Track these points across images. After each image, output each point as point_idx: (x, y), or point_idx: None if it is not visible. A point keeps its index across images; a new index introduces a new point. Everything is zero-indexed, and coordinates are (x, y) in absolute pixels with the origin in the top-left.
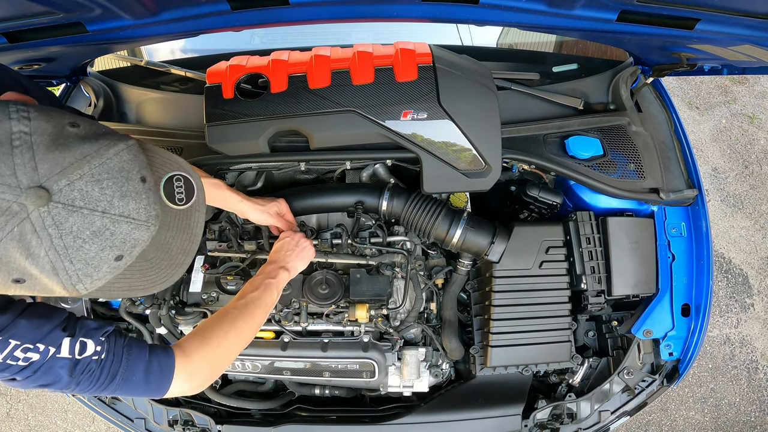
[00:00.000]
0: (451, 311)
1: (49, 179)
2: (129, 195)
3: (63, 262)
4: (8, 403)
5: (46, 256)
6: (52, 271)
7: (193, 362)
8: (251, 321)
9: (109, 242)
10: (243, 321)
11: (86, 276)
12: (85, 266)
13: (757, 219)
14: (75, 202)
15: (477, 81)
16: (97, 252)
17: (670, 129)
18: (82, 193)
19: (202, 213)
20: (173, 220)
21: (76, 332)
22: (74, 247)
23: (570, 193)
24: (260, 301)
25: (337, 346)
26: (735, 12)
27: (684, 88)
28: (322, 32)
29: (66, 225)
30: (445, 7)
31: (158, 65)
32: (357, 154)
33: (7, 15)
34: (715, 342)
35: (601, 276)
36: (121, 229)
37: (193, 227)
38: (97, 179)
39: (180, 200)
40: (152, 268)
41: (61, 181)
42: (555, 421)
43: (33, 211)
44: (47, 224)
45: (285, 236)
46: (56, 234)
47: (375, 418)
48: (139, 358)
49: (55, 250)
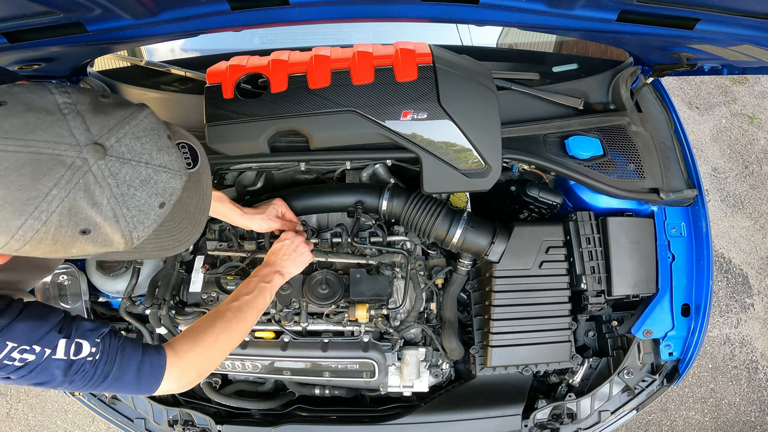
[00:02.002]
0: (451, 311)
1: (101, 137)
2: (163, 149)
3: (122, 209)
4: (8, 403)
5: (108, 203)
6: (113, 218)
7: (184, 363)
8: (243, 323)
9: (154, 189)
10: (235, 323)
11: (139, 222)
12: (138, 213)
13: (757, 219)
14: (125, 155)
15: (477, 81)
16: (146, 199)
17: (670, 129)
18: (129, 148)
19: (208, 176)
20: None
21: (72, 334)
22: (129, 195)
23: (570, 193)
24: (253, 304)
25: (337, 346)
26: (735, 12)
27: (684, 88)
28: (322, 32)
29: (120, 175)
30: (445, 7)
31: (158, 65)
32: (357, 154)
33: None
34: (715, 342)
35: (601, 276)
36: (161, 177)
37: (204, 188)
38: (138, 136)
39: (189, 164)
40: (176, 228)
41: (111, 138)
42: (555, 421)
43: (93, 164)
44: (106, 175)
45: (285, 237)
46: (114, 183)
47: (375, 418)
48: (132, 359)
49: (115, 198)
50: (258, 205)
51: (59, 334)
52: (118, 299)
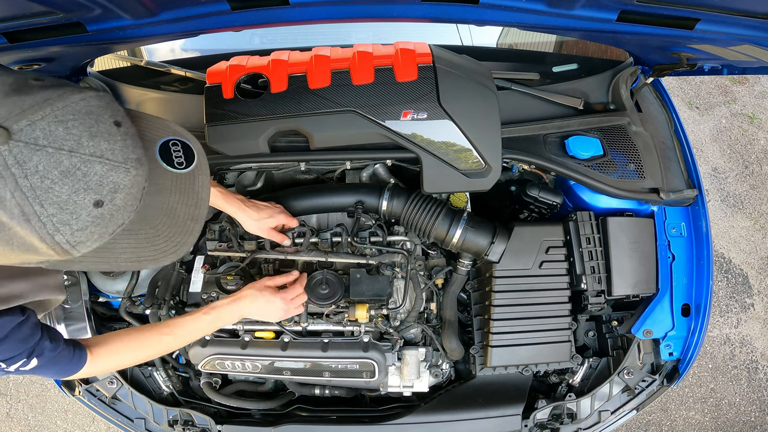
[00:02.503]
0: (451, 311)
1: (7, 120)
2: (100, 135)
3: (32, 205)
4: (8, 403)
5: (13, 198)
6: (22, 216)
7: (96, 370)
8: (172, 348)
9: (82, 184)
10: (163, 349)
11: (63, 224)
12: (58, 211)
13: (757, 219)
14: (38, 141)
15: (477, 81)
16: (69, 194)
17: (670, 129)
18: (45, 132)
19: (206, 177)
20: (175, 184)
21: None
22: (42, 188)
23: (570, 193)
24: (189, 339)
25: (337, 346)
26: (735, 12)
27: (684, 88)
28: (322, 32)
29: (30, 164)
30: (445, 7)
31: (158, 65)
32: (357, 154)
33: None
34: (715, 342)
35: (601, 276)
36: (94, 169)
37: (199, 191)
38: (61, 120)
39: (180, 164)
40: (160, 236)
41: (21, 121)
42: (555, 421)
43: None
44: (9, 163)
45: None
46: (20, 173)
47: (375, 418)
48: (58, 363)
49: (21, 191)
50: (260, 205)
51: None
52: (118, 299)
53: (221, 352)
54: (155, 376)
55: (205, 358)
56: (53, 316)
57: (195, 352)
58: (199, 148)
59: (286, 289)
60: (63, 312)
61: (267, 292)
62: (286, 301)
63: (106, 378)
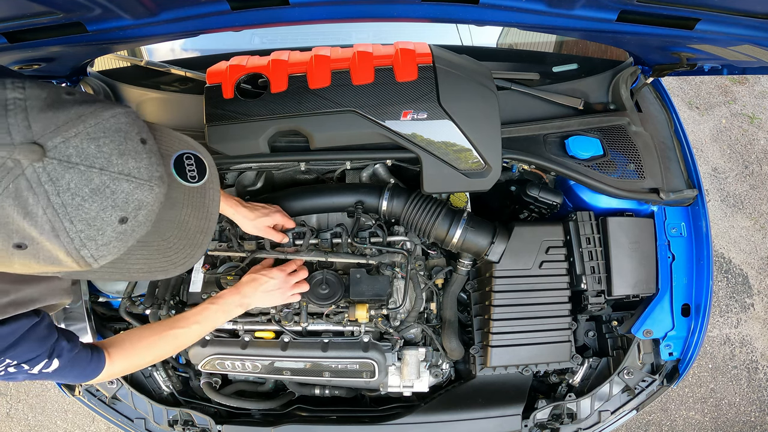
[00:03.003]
0: (451, 311)
1: (42, 136)
2: (128, 153)
3: (62, 222)
4: (8, 403)
5: (44, 214)
6: (52, 232)
7: (115, 373)
8: (184, 344)
9: (110, 201)
10: (176, 345)
11: (90, 239)
12: (86, 227)
13: (757, 219)
14: (71, 159)
15: (477, 81)
16: (98, 211)
17: (670, 129)
18: (78, 150)
19: (216, 191)
20: (188, 197)
21: (52, 354)
22: (73, 205)
23: (570, 193)
24: (203, 330)
25: (337, 346)
26: (735, 12)
27: (684, 88)
28: (322, 32)
29: (63, 181)
30: (445, 7)
31: (158, 65)
32: (357, 154)
33: (7, 15)
34: (715, 342)
35: (601, 276)
36: (121, 187)
37: (209, 205)
38: (93, 137)
39: (192, 177)
40: (171, 248)
41: (55, 138)
42: (555, 421)
43: (27, 166)
44: (43, 180)
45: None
46: (53, 190)
47: (375, 418)
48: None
49: (53, 207)
50: (256, 206)
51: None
52: (118, 299)
53: (221, 352)
54: (155, 376)
55: (205, 358)
56: (54, 317)
57: (195, 352)
58: (210, 161)
59: (282, 265)
60: (63, 312)
61: (265, 270)
62: (284, 273)
63: None
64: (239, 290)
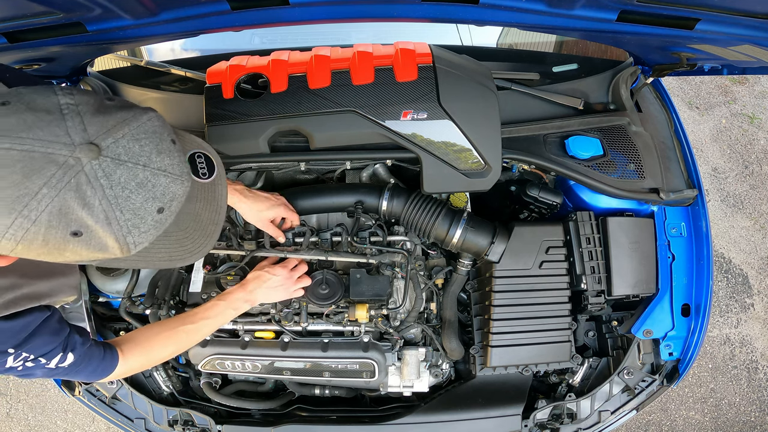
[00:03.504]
0: (451, 311)
1: (97, 137)
2: (164, 152)
3: (114, 212)
4: (8, 403)
5: (100, 205)
6: (105, 221)
7: (129, 368)
8: (194, 341)
9: (151, 193)
10: (187, 343)
11: (134, 227)
12: (133, 216)
13: (757, 219)
14: (121, 157)
15: (477, 81)
16: (142, 202)
17: (670, 129)
18: (126, 149)
19: (224, 186)
20: (200, 192)
21: (66, 348)
22: (123, 197)
23: (570, 193)
24: (212, 326)
25: (337, 346)
26: (735, 12)
27: (684, 88)
28: (322, 32)
29: (115, 176)
30: (445, 7)
31: (158, 65)
32: (357, 154)
33: (7, 15)
34: (715, 342)
35: (601, 276)
36: (160, 181)
37: (218, 199)
38: (137, 138)
39: (203, 174)
40: (188, 238)
41: (107, 139)
42: (555, 421)
43: (87, 164)
44: (99, 175)
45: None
46: (107, 184)
47: (375, 418)
48: (92, 363)
49: (107, 199)
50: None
51: (62, 351)
52: (118, 299)
53: (221, 352)
54: (155, 376)
55: (205, 358)
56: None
57: (195, 352)
58: (218, 159)
59: (284, 261)
60: (63, 312)
61: (268, 267)
62: (287, 269)
63: None
64: (245, 287)
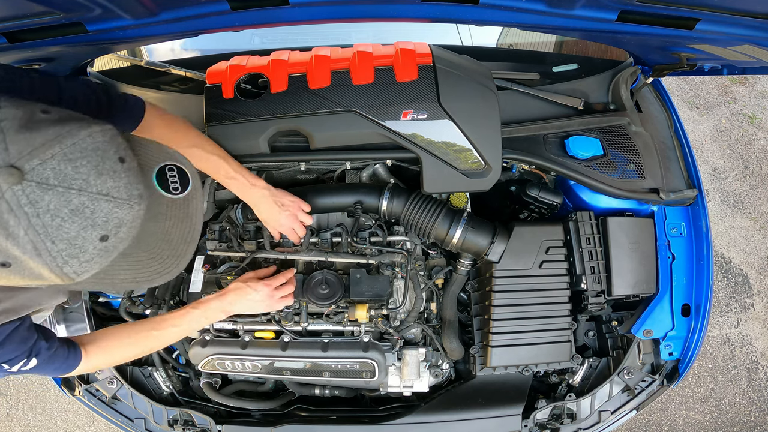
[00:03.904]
0: (451, 311)
1: (20, 159)
2: (106, 173)
3: (44, 242)
4: (8, 403)
5: (26, 235)
6: (34, 252)
7: (91, 368)
8: (160, 346)
9: (90, 221)
10: (153, 346)
11: (72, 257)
12: (68, 246)
13: (757, 219)
14: (49, 181)
15: (477, 81)
16: (78, 231)
17: (670, 129)
18: (56, 172)
19: (199, 201)
20: (171, 209)
21: (31, 354)
22: (53, 226)
23: (570, 193)
24: (181, 334)
25: (337, 346)
26: (735, 12)
27: (684, 88)
28: (322, 32)
29: (42, 203)
30: (445, 7)
31: (158, 65)
32: (357, 154)
33: (7, 15)
34: (715, 342)
35: (601, 276)
36: (101, 207)
37: (192, 216)
38: (70, 158)
39: (175, 189)
40: (155, 259)
41: (32, 160)
42: (555, 421)
43: (7, 190)
44: (23, 203)
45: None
46: (33, 212)
47: (375, 418)
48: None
49: (34, 229)
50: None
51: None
52: (118, 299)
53: (221, 352)
54: (155, 376)
55: (205, 358)
56: (53, 316)
57: (195, 352)
58: (193, 171)
59: (270, 278)
60: (63, 312)
61: (251, 282)
62: (270, 288)
63: (106, 378)
64: (223, 297)
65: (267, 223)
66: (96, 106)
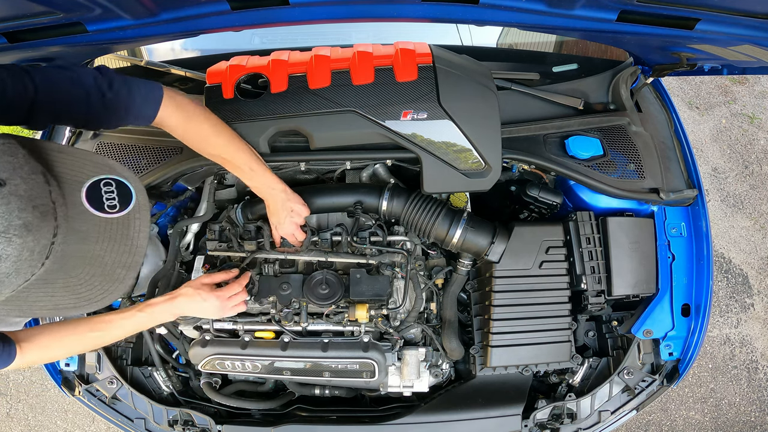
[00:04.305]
0: (451, 311)
1: None
2: None
3: None
4: (8, 403)
5: None
6: None
7: (26, 363)
8: (101, 345)
9: None
10: (93, 345)
11: None
12: None
13: (757, 219)
14: None
15: (477, 81)
16: None
17: (670, 129)
18: None
19: (143, 220)
20: (103, 230)
21: None
22: None
23: (570, 193)
24: (123, 334)
25: (337, 346)
26: (735, 12)
27: (684, 88)
28: (322, 32)
29: None
30: (445, 7)
31: (158, 65)
32: (357, 154)
33: (7, 15)
34: (715, 342)
35: (601, 276)
36: None
37: (133, 237)
38: None
39: (111, 207)
40: (82, 285)
41: None
42: (555, 421)
43: None
44: None
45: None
46: None
47: (375, 418)
48: None
49: None
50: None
51: None
52: (118, 299)
53: (221, 352)
54: (155, 376)
55: (205, 358)
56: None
57: (195, 352)
58: (138, 186)
59: (223, 288)
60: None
61: (203, 290)
62: (222, 299)
63: (106, 378)
64: (173, 300)
65: (271, 221)
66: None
